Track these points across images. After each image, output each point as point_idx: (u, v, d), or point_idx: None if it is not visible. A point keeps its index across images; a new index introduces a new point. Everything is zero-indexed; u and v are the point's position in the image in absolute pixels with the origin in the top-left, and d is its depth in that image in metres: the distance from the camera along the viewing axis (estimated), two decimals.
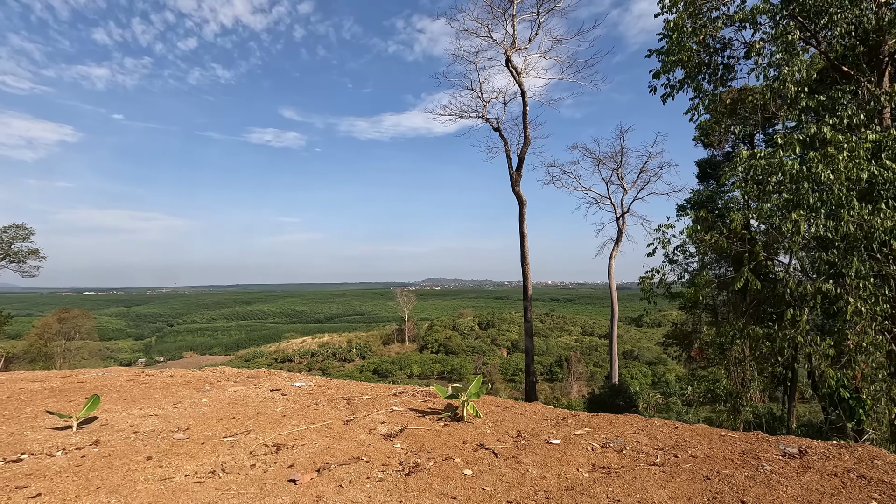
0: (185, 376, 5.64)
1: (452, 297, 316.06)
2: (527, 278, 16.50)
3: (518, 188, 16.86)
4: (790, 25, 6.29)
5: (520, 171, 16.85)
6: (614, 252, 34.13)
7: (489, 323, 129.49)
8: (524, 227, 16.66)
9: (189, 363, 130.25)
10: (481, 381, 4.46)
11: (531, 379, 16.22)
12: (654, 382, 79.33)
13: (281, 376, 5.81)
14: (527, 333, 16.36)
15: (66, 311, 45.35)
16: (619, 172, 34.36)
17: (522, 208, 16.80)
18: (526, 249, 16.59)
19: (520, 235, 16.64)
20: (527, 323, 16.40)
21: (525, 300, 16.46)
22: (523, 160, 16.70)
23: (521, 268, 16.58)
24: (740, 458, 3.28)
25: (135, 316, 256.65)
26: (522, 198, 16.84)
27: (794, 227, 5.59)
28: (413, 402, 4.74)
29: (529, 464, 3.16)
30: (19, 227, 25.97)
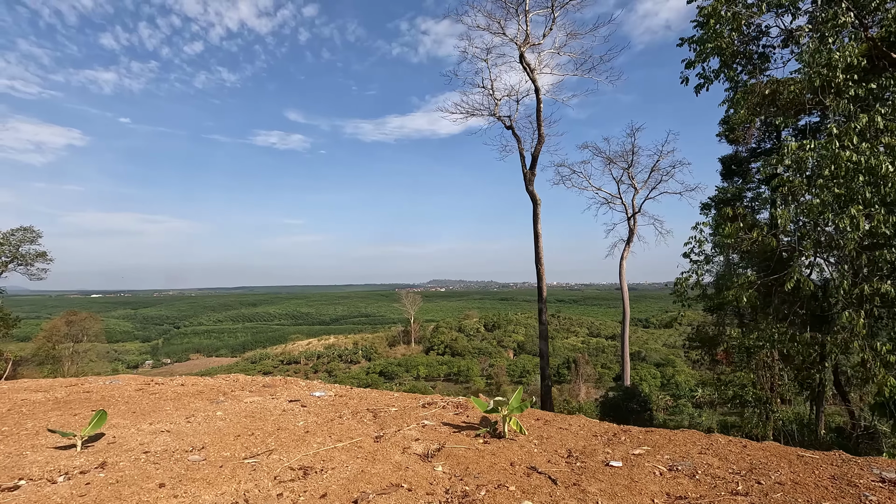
0: (196, 385, 5.27)
1: (457, 298, 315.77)
2: (542, 279, 16.08)
3: (532, 187, 16.45)
4: (841, 8, 5.87)
5: (533, 170, 16.44)
6: (625, 252, 33.63)
7: (495, 324, 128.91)
8: (538, 227, 16.24)
9: (196, 365, 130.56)
10: (523, 394, 4.05)
11: (546, 383, 15.79)
12: (662, 384, 78.57)
13: (298, 385, 5.44)
14: (542, 336, 15.93)
15: (74, 313, 45.33)
16: (629, 172, 33.88)
17: (537, 208, 16.38)
18: (540, 250, 16.17)
19: (534, 235, 16.22)
20: (542, 325, 15.96)
21: (540, 302, 16.02)
22: (537, 158, 16.31)
23: (536, 268, 16.16)
24: (834, 486, 2.86)
25: (142, 318, 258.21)
26: (536, 197, 16.42)
27: (851, 223, 5.16)
28: (445, 416, 4.35)
29: (596, 493, 2.76)
30: (27, 230, 25.82)
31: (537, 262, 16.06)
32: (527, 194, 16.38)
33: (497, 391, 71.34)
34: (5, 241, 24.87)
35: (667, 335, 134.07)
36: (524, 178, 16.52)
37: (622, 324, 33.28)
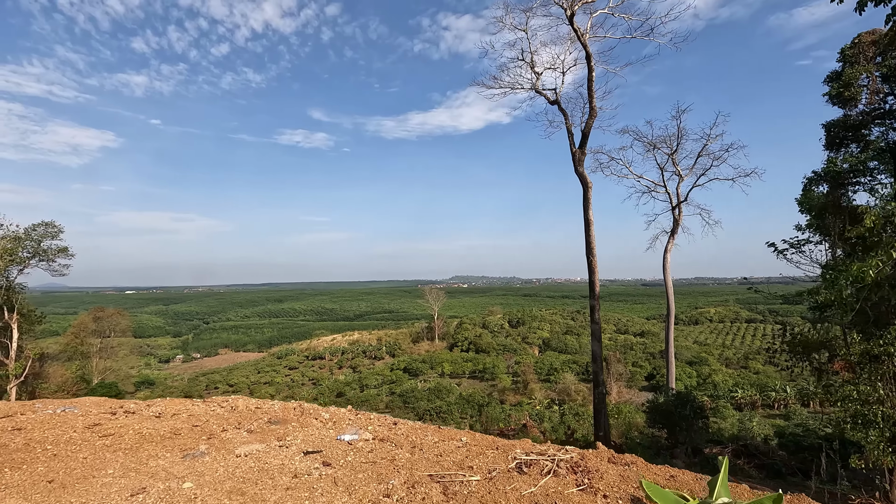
0: (177, 418, 3.68)
1: (480, 294, 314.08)
2: (594, 272, 14.12)
3: (582, 168, 14.48)
4: None
5: (583, 149, 14.45)
6: (669, 245, 31.19)
7: (519, 321, 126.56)
8: (590, 213, 14.27)
9: (224, 360, 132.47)
10: (727, 469, 2.24)
11: (600, 390, 13.86)
12: (698, 384, 75.13)
13: (319, 418, 3.79)
14: (595, 336, 14.00)
15: (102, 309, 45.38)
16: (674, 157, 31.36)
17: (587, 191, 14.41)
18: (592, 239, 14.21)
19: (585, 223, 14.27)
20: (594, 324, 14.02)
21: (592, 298, 14.08)
22: (588, 135, 14.30)
23: (587, 260, 14.21)
24: None
25: (173, 314, 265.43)
26: (587, 179, 14.45)
27: None
28: (563, 490, 2.59)
29: None
30: (48, 225, 25.17)
31: (588, 252, 14.12)
32: (576, 176, 14.44)
33: (524, 389, 69.17)
34: (27, 237, 24.23)
35: (696, 332, 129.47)
36: (572, 157, 14.57)
37: (666, 322, 30.82)
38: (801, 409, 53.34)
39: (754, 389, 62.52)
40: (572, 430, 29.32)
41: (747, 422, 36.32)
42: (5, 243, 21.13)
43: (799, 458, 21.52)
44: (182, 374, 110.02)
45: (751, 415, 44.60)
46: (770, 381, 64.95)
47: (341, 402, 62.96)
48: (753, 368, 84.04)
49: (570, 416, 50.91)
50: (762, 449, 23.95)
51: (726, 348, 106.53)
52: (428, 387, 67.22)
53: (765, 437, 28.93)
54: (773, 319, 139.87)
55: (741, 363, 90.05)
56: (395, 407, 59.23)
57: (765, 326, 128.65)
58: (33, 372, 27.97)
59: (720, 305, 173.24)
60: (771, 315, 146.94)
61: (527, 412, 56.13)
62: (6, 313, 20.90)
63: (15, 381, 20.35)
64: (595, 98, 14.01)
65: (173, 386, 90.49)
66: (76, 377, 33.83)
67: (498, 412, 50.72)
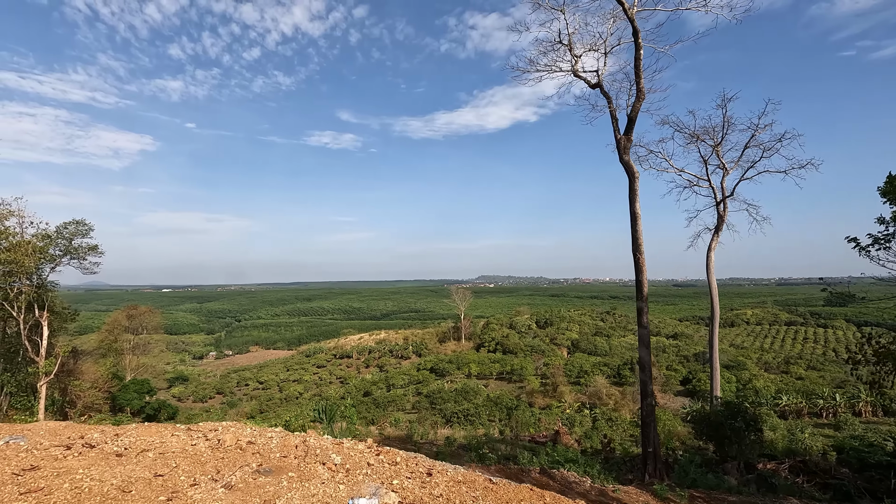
0: (140, 459, 2.77)
1: (507, 294, 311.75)
2: (641, 271, 12.78)
3: (628, 156, 13.14)
4: None
5: (629, 135, 13.12)
6: (713, 243, 29.21)
7: (547, 321, 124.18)
8: (637, 206, 12.94)
9: (255, 357, 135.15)
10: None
11: (649, 402, 12.51)
12: (738, 389, 71.62)
13: (329, 462, 2.80)
14: (642, 342, 12.66)
15: (135, 307, 46.28)
16: (718, 150, 29.35)
17: (634, 182, 13.07)
18: (640, 234, 12.87)
19: (631, 217, 12.94)
20: (642, 329, 12.68)
21: (639, 300, 12.74)
22: (635, 120, 12.96)
23: (634, 258, 12.88)
24: None
25: (206, 311, 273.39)
26: (634, 169, 13.11)
27: None
28: None
29: None
30: (79, 223, 25.35)
31: (635, 249, 12.79)
32: (621, 165, 13.12)
33: (553, 392, 67.30)
34: (59, 235, 24.42)
35: (732, 334, 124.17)
36: (617, 145, 13.26)
37: (710, 325, 28.86)
38: (853, 419, 49.61)
39: (800, 396, 58.86)
40: (608, 440, 27.68)
41: (798, 433, 33.66)
42: (36, 241, 21.26)
43: (864, 477, 19.49)
44: (214, 370, 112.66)
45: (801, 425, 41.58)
46: (817, 388, 61.03)
47: (368, 402, 62.55)
48: (795, 373, 79.83)
49: (602, 422, 48.98)
50: (822, 465, 21.85)
51: (765, 352, 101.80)
52: (455, 388, 66.26)
53: (821, 451, 26.62)
54: (814, 323, 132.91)
55: (781, 368, 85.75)
56: (421, 408, 58.49)
57: (806, 330, 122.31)
58: (67, 369, 28.33)
59: (757, 307, 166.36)
60: (813, 318, 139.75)
61: (557, 416, 54.43)
62: (36, 311, 21.05)
63: (45, 378, 20.43)
64: (643, 79, 12.67)
65: (206, 382, 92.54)
66: (109, 374, 34.34)
67: (527, 416, 49.24)
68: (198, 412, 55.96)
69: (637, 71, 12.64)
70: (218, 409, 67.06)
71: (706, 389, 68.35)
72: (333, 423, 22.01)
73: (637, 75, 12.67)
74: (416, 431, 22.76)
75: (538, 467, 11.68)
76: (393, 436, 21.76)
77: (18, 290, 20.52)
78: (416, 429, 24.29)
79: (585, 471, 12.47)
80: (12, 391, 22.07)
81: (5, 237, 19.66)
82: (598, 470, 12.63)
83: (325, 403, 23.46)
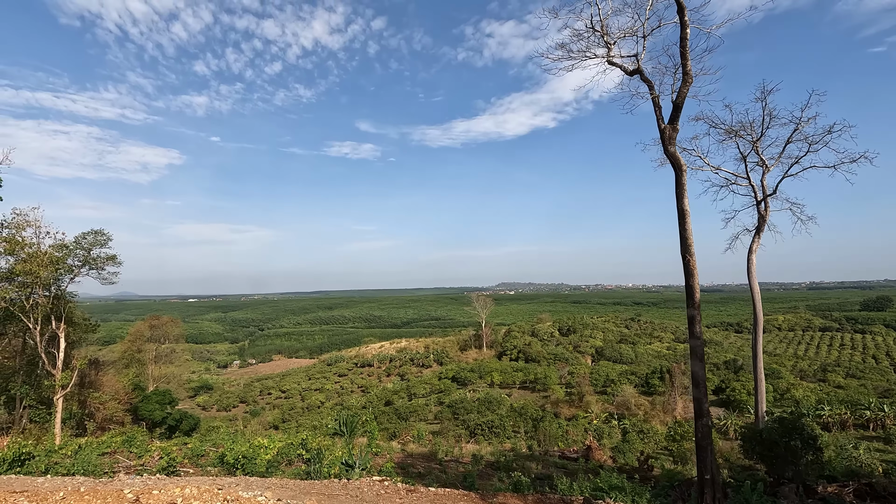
0: None
1: (528, 301, 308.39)
2: (693, 275, 11.41)
3: (673, 147, 11.84)
4: None
5: (675, 123, 11.83)
6: (754, 245, 27.24)
7: (570, 329, 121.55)
8: (685, 203, 11.60)
9: (278, 366, 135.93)
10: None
11: (705, 421, 11.08)
12: (775, 399, 68.21)
13: None
14: (695, 354, 11.25)
15: (157, 318, 46.46)
16: (757, 145, 27.52)
17: (681, 175, 11.75)
18: (689, 233, 11.52)
19: (679, 214, 11.61)
20: (695, 340, 11.28)
21: (691, 307, 11.36)
22: (681, 106, 11.67)
23: (684, 260, 11.53)
24: None
25: (231, 321, 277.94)
26: (681, 161, 11.80)
27: None
28: None
29: None
30: (98, 233, 25.12)
31: (685, 250, 11.44)
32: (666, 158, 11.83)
33: (579, 402, 65.07)
34: (77, 245, 24.18)
35: (764, 341, 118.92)
36: (661, 135, 11.98)
37: (753, 333, 26.84)
38: None
39: (843, 407, 55.29)
40: (646, 457, 25.93)
41: (851, 449, 31.08)
42: (52, 252, 20.97)
43: None
44: (238, 379, 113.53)
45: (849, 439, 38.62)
46: (861, 398, 57.27)
47: (389, 412, 61.55)
48: (834, 382, 75.76)
49: (634, 434, 46.79)
50: (890, 489, 19.77)
51: (799, 359, 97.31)
52: (477, 397, 64.74)
53: (885, 470, 24.37)
54: (851, 328, 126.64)
55: (818, 376, 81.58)
56: (444, 418, 57.16)
57: (842, 335, 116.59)
58: (88, 381, 28.05)
59: (789, 312, 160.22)
60: (849, 323, 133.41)
61: (585, 427, 52.35)
62: (53, 322, 20.71)
63: (61, 391, 20.00)
64: (690, 61, 11.40)
65: (230, 391, 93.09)
66: (131, 384, 34.14)
67: (554, 428, 47.38)
68: (221, 421, 55.83)
69: (683, 52, 11.37)
70: (241, 418, 67.00)
71: (742, 399, 65.07)
72: (354, 436, 21.00)
73: (683, 56, 11.41)
74: (441, 448, 21.52)
75: (581, 497, 10.40)
76: (416, 452, 20.60)
77: (34, 301, 20.22)
78: (441, 444, 23.05)
79: (634, 500, 11.10)
80: (30, 403, 21.74)
81: (21, 248, 19.41)
82: (647, 499, 11.25)
83: (347, 415, 22.48)
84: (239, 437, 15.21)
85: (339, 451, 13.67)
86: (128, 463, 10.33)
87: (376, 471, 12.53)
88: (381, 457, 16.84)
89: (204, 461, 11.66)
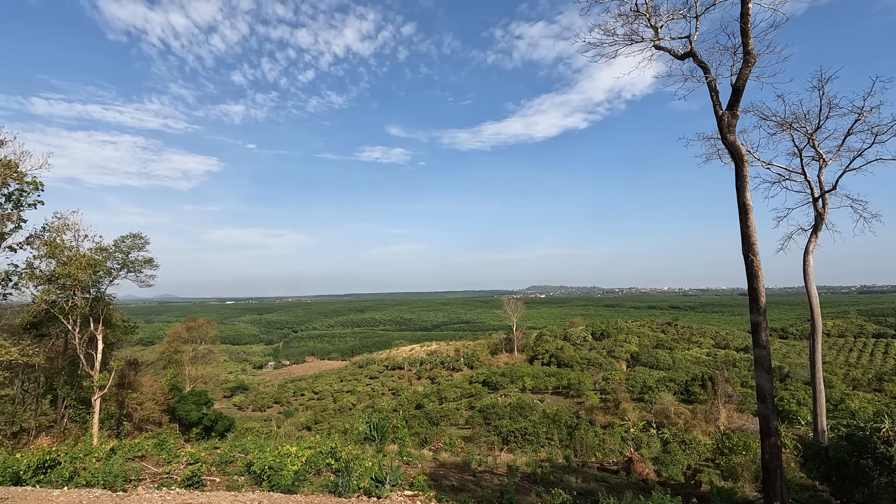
0: None
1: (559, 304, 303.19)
2: (757, 276, 10.21)
3: (733, 136, 10.70)
4: None
5: (735, 109, 10.68)
6: (811, 245, 25.19)
7: (603, 333, 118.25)
8: (747, 196, 10.43)
9: (311, 367, 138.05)
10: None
11: (773, 441, 9.87)
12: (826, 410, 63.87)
13: None
14: (760, 365, 10.05)
15: (194, 319, 47.51)
16: (814, 138, 25.48)
17: (742, 167, 10.59)
18: (752, 230, 10.34)
19: (740, 209, 10.46)
20: (760, 349, 10.08)
21: (756, 312, 10.16)
22: (742, 90, 10.51)
23: (745, 259, 10.35)
24: None
25: (266, 323, 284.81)
26: (741, 151, 10.63)
27: None
28: None
29: None
30: (136, 237, 25.56)
31: (748, 249, 10.27)
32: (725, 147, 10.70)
33: (615, 409, 62.69)
34: (116, 248, 24.62)
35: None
36: (718, 122, 10.85)
37: (811, 340, 24.80)
38: None
39: None
40: (693, 471, 24.26)
41: None
42: (91, 255, 21.37)
43: None
44: (273, 379, 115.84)
45: None
46: None
47: (420, 416, 60.99)
48: (891, 392, 70.35)
49: (675, 445, 44.53)
50: None
51: (852, 367, 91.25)
52: (509, 402, 63.39)
53: None
54: None
55: (873, 385, 75.95)
56: (475, 424, 56.14)
57: None
58: (127, 381, 28.61)
59: (838, 317, 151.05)
60: None
61: (622, 436, 50.27)
62: (92, 324, 21.10)
63: (99, 392, 20.32)
64: (752, 39, 10.25)
65: (265, 392, 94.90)
66: (169, 385, 34.79)
67: (590, 437, 45.61)
68: (256, 422, 56.65)
69: (744, 28, 10.23)
70: (275, 418, 67.97)
71: (791, 409, 61.13)
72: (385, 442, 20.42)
73: (744, 34, 10.26)
74: (474, 457, 20.67)
75: None
76: (448, 462, 19.85)
77: (73, 303, 20.66)
78: (473, 453, 22.21)
79: None
80: (71, 403, 22.23)
81: (61, 251, 19.85)
82: None
83: (377, 419, 21.98)
84: (267, 443, 14.84)
85: (368, 461, 13.08)
86: (153, 471, 9.98)
87: (407, 484, 11.87)
88: (413, 466, 16.20)
89: (231, 469, 11.33)
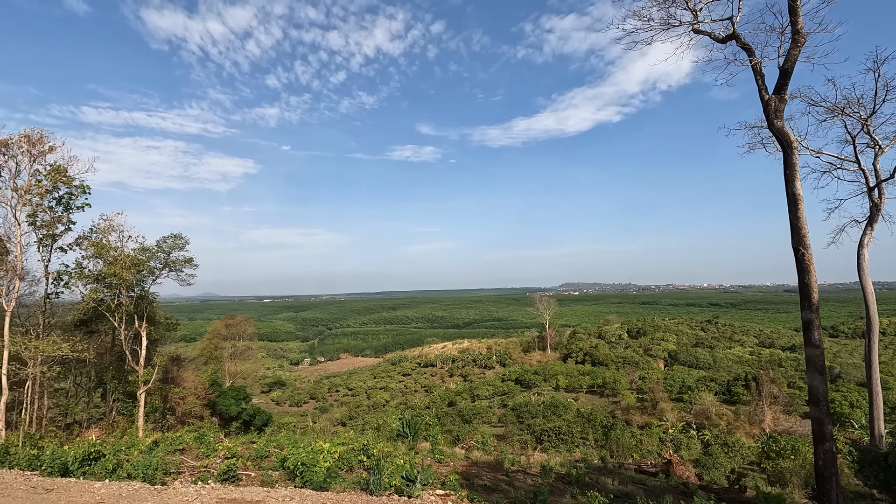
0: None
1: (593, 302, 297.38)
2: (809, 271, 9.54)
3: (781, 121, 10.03)
4: None
5: (783, 93, 10.00)
6: (866, 238, 23.59)
7: (639, 331, 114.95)
8: (796, 186, 9.76)
9: (345, 364, 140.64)
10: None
11: (827, 447, 9.20)
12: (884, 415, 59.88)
13: None
14: (813, 366, 9.39)
15: (232, 317, 49.13)
16: (868, 124, 23.81)
17: (791, 154, 9.92)
18: (803, 222, 9.67)
19: (789, 199, 9.80)
20: (813, 348, 9.42)
21: (807, 309, 9.50)
22: (790, 72, 9.82)
23: (796, 253, 9.69)
24: None
25: (301, 320, 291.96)
26: (790, 137, 9.96)
27: None
28: None
29: None
30: (177, 237, 26.48)
31: (798, 242, 9.61)
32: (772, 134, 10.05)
33: (653, 409, 60.81)
34: (158, 249, 25.58)
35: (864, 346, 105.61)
36: (765, 107, 10.20)
37: (867, 339, 23.22)
38: None
39: None
40: (737, 475, 23.18)
41: None
42: (135, 255, 22.32)
43: None
44: (308, 376, 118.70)
45: None
46: None
47: (452, 414, 61.05)
48: None
49: (717, 447, 42.86)
50: None
51: None
52: (542, 401, 62.56)
53: None
54: None
55: None
56: (508, 422, 55.69)
57: None
58: (170, 376, 29.78)
59: (894, 315, 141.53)
60: None
61: (660, 437, 48.73)
62: (136, 321, 22.06)
63: (143, 386, 21.24)
64: (801, 17, 9.57)
65: (301, 388, 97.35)
66: (209, 380, 36.05)
67: (627, 437, 44.44)
68: (293, 417, 58.12)
69: (793, 6, 9.55)
70: (311, 414, 69.56)
71: (843, 412, 57.68)
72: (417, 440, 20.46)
73: (793, 12, 9.58)
74: (507, 456, 20.43)
75: None
76: (481, 460, 19.69)
77: (119, 301, 21.65)
78: (506, 452, 21.96)
79: None
80: (119, 397, 23.32)
81: (107, 251, 20.82)
82: None
83: (410, 416, 22.06)
84: (301, 438, 15.12)
85: (400, 458, 13.12)
86: (192, 464, 10.28)
87: (439, 483, 11.78)
88: (445, 465, 16.12)
89: (266, 463, 11.59)
